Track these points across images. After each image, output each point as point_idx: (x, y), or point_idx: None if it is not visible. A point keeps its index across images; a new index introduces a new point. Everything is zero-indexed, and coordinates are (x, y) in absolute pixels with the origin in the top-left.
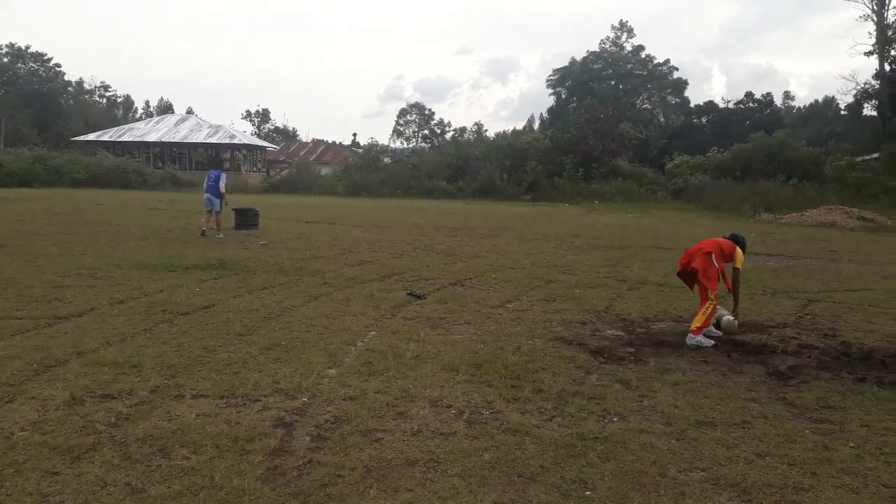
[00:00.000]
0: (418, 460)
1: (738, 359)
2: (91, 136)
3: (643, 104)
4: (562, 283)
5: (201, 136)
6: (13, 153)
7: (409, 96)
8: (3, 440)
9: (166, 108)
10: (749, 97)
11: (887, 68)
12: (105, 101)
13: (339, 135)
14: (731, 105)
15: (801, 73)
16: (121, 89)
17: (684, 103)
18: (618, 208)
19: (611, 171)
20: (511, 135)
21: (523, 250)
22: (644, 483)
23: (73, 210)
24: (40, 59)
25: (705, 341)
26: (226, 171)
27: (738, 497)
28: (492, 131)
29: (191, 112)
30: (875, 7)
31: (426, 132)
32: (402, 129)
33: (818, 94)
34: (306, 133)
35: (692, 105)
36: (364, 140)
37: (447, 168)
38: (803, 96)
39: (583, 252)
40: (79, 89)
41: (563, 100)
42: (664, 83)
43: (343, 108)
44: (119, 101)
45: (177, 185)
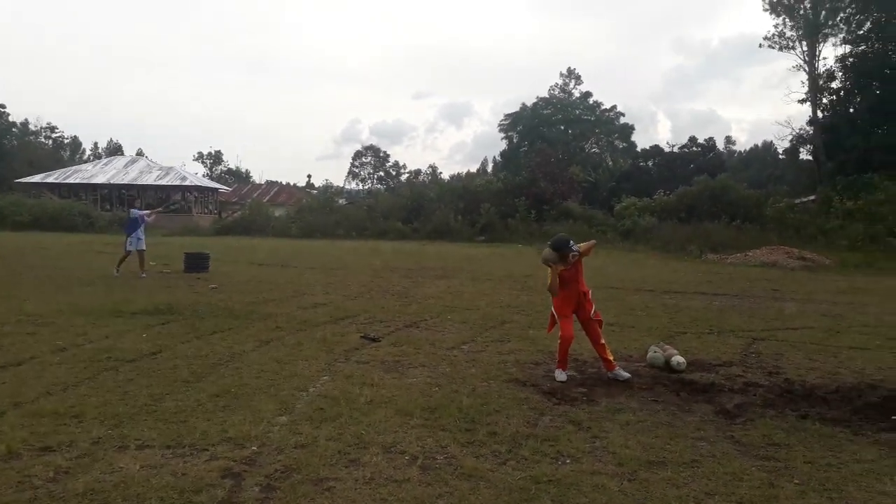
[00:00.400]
0: None
1: (686, 398)
2: (36, 178)
3: (592, 148)
4: (516, 324)
5: (151, 178)
6: None
7: (366, 139)
8: None
9: (115, 150)
10: (693, 142)
11: (820, 115)
12: (51, 142)
13: (293, 176)
14: (677, 149)
15: (741, 119)
16: (68, 130)
17: (631, 147)
18: None
19: (562, 213)
20: (465, 177)
21: (478, 291)
22: None
23: (15, 254)
24: None
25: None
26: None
27: None
28: (446, 174)
29: (141, 154)
30: (806, 58)
31: (381, 174)
32: (357, 170)
33: (758, 139)
34: (260, 174)
35: (639, 149)
36: (319, 182)
37: (402, 209)
38: (744, 141)
39: (536, 293)
40: (23, 130)
41: (514, 144)
42: (612, 128)
43: (298, 149)
44: (66, 142)
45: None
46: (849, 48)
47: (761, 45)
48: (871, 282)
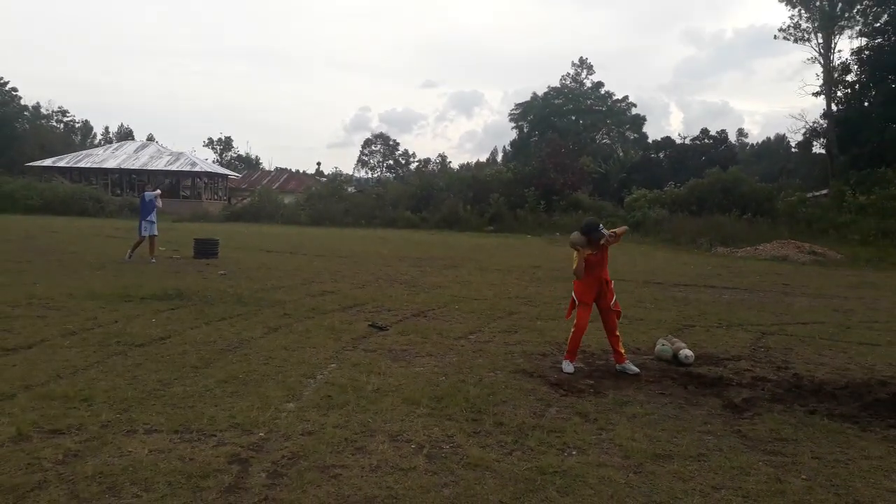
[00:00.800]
0: (377, 497)
1: (694, 391)
2: (47, 162)
3: (603, 139)
4: (524, 315)
5: (162, 164)
6: None
7: (376, 127)
8: None
9: (126, 135)
10: (705, 134)
11: (834, 108)
12: (62, 126)
13: (303, 164)
14: (688, 141)
15: (753, 111)
16: (79, 115)
17: (642, 138)
18: None
19: (571, 204)
20: (475, 167)
21: (486, 281)
22: None
23: (26, 238)
24: None
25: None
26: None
27: None
28: (456, 163)
29: (151, 139)
30: (821, 50)
31: (391, 162)
32: (366, 158)
33: (770, 132)
34: (269, 161)
35: (650, 140)
36: (328, 169)
37: (411, 198)
38: (756, 134)
39: (545, 284)
40: (35, 114)
41: (525, 133)
42: (623, 119)
43: (308, 137)
44: (77, 126)
45: (135, 212)
46: (865, 41)
47: (776, 37)
48: (883, 277)
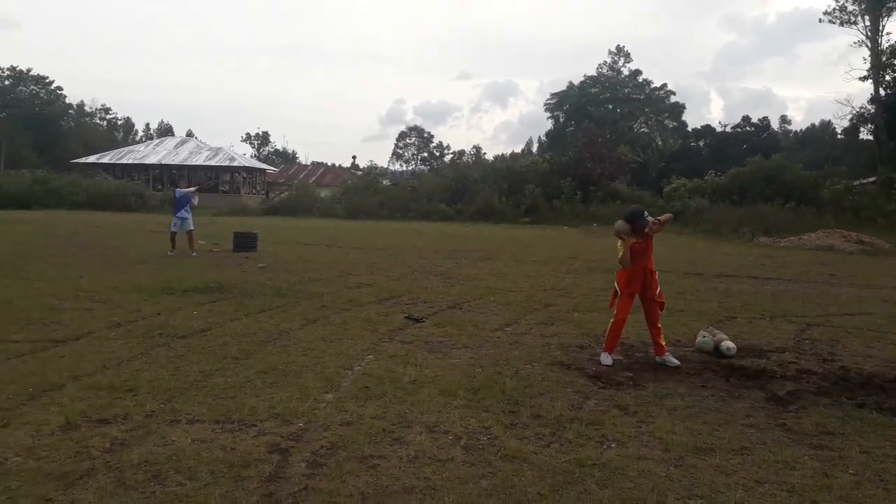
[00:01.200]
0: (415, 487)
1: (736, 384)
2: (91, 159)
3: (641, 128)
4: (560, 307)
5: (201, 159)
6: (13, 176)
7: (410, 119)
8: None
9: (166, 131)
10: (746, 121)
11: (882, 93)
12: (105, 123)
13: (338, 157)
14: (729, 129)
15: (797, 97)
16: (121, 112)
17: (682, 127)
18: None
19: (609, 195)
20: (510, 158)
21: (522, 273)
22: None
23: (72, 233)
24: (41, 82)
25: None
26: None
27: None
28: (490, 154)
29: (191, 135)
30: (869, 33)
31: (425, 155)
32: (401, 151)
33: (815, 119)
34: (306, 156)
35: (689, 129)
36: (363, 163)
37: (446, 191)
38: (800, 120)
39: (581, 275)
40: (79, 112)
41: (561, 123)
42: (661, 107)
43: (343, 131)
44: (119, 123)
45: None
46: None
47: (821, 20)
48: None
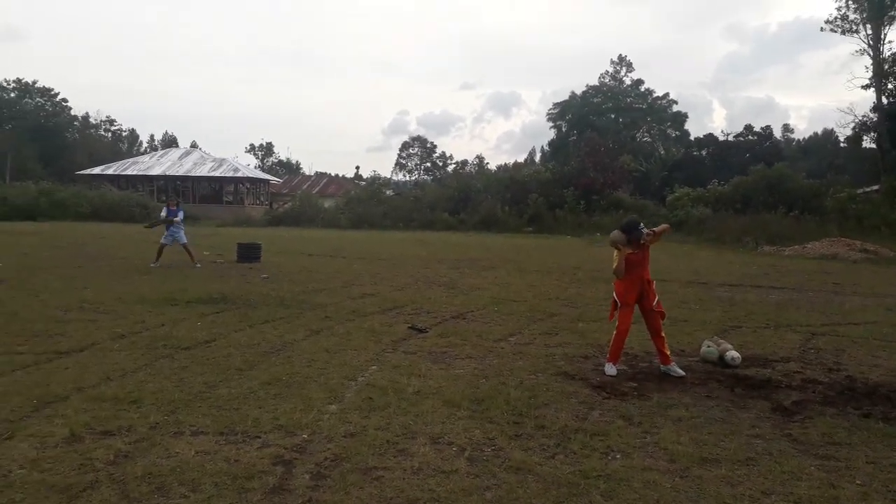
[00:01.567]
0: (419, 499)
1: (741, 394)
2: (96, 170)
3: (643, 137)
4: (564, 317)
5: (205, 170)
6: (18, 187)
7: (414, 130)
8: (0, 478)
9: (171, 142)
10: (749, 130)
11: (885, 101)
12: (110, 135)
13: (342, 168)
14: (731, 138)
15: (800, 106)
16: (126, 123)
17: (684, 136)
18: None
19: (612, 204)
20: (512, 167)
21: (525, 283)
22: None
23: (77, 244)
24: (47, 94)
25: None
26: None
27: None
28: (493, 164)
29: (195, 146)
30: (870, 42)
31: (428, 165)
32: (404, 161)
33: (817, 127)
34: (310, 166)
35: (692, 138)
36: (367, 173)
37: (449, 200)
38: (803, 129)
39: (585, 285)
40: (84, 124)
41: (563, 133)
42: (664, 116)
43: (347, 141)
44: (124, 135)
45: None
46: None
47: (822, 29)
48: None
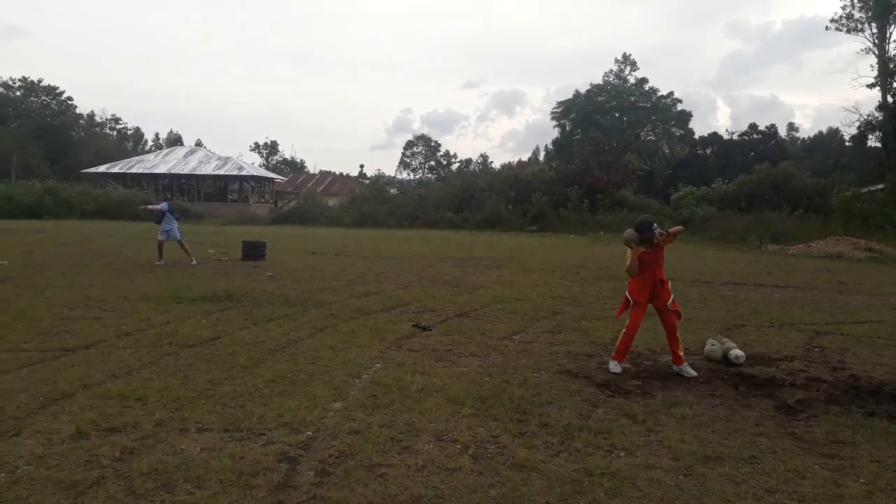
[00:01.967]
0: (423, 496)
1: (745, 392)
2: (101, 168)
3: (647, 136)
4: (568, 315)
5: (210, 168)
6: (24, 185)
7: (418, 128)
8: (7, 475)
9: (176, 141)
10: (753, 129)
11: (890, 100)
12: (115, 133)
13: (346, 166)
14: (736, 136)
15: (804, 104)
16: (131, 122)
17: (688, 135)
18: None
19: (616, 203)
20: (516, 166)
21: (529, 281)
22: None
23: (82, 242)
24: (52, 92)
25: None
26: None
27: None
28: (497, 162)
29: (200, 144)
30: (876, 41)
31: (432, 163)
32: (408, 160)
33: (822, 126)
34: (314, 165)
35: (696, 136)
36: (371, 171)
37: (453, 199)
38: (808, 128)
39: (589, 283)
40: (90, 122)
41: (567, 132)
42: (668, 115)
43: (351, 140)
44: (129, 133)
45: (185, 216)
46: None
47: (827, 28)
48: None
